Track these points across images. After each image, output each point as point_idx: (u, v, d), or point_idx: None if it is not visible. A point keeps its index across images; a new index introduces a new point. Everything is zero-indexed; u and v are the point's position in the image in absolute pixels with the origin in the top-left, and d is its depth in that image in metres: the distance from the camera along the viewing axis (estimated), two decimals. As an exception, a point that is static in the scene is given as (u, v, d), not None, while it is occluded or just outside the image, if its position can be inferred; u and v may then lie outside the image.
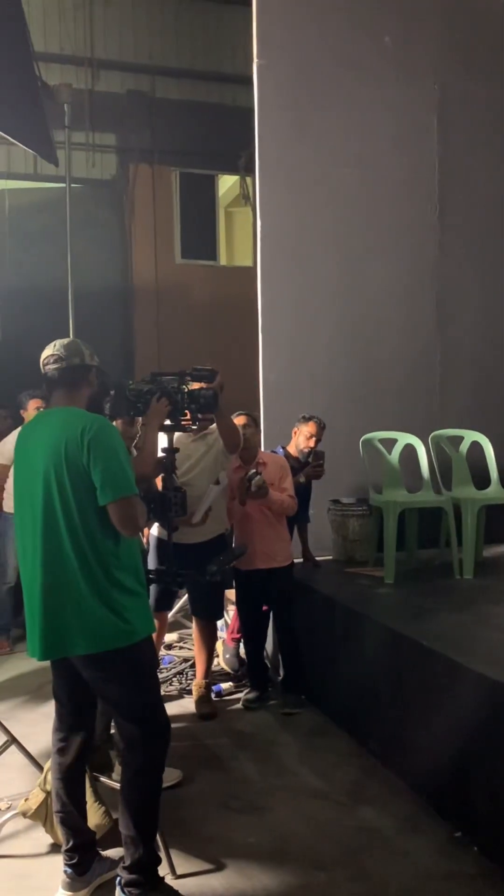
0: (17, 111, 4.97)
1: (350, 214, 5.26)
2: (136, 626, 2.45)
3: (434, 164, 5.45)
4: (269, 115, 5.02)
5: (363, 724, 3.77)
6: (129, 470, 2.44)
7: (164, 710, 2.62)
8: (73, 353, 2.56)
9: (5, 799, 3.21)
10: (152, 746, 2.53)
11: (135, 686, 2.52)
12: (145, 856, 2.50)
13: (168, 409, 3.12)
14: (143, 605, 2.53)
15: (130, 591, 2.47)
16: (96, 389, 2.64)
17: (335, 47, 5.21)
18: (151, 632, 2.58)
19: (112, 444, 2.42)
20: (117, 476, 2.39)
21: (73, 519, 2.40)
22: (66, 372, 2.54)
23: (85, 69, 9.45)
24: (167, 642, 4.95)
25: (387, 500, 4.60)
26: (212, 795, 3.28)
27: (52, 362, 2.55)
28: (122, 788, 2.55)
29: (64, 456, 2.39)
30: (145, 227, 9.73)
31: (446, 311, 5.49)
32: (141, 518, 2.47)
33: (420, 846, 2.87)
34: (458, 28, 5.50)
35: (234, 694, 4.40)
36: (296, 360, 5.13)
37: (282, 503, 4.16)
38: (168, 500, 3.19)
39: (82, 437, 2.38)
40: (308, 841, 2.94)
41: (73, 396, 2.55)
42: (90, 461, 2.37)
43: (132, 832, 2.49)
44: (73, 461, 2.38)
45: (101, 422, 2.47)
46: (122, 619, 2.42)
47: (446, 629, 3.50)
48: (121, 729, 2.58)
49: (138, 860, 2.50)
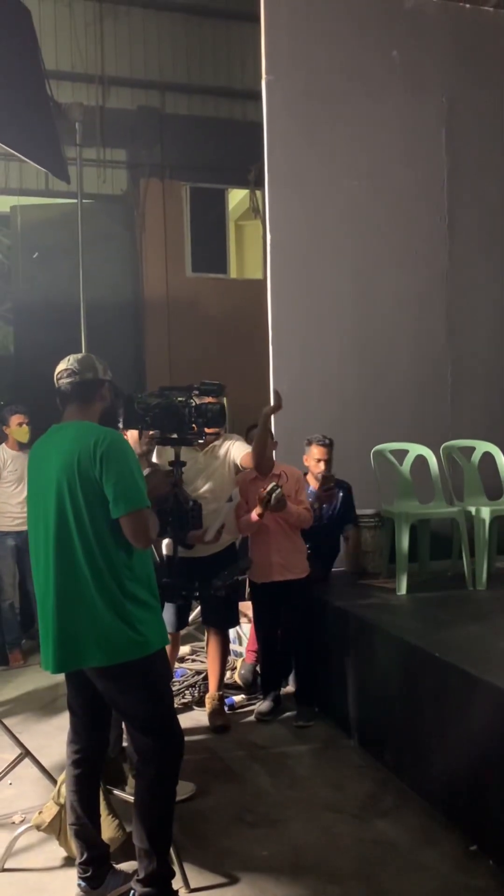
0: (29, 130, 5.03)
1: (359, 226, 5.29)
2: (149, 638, 2.46)
3: (443, 175, 5.47)
4: (277, 129, 5.07)
5: (377, 737, 3.75)
6: (141, 483, 2.46)
7: (178, 723, 2.62)
8: (87, 368, 2.58)
9: (19, 812, 3.22)
10: (166, 759, 2.53)
11: (148, 698, 2.52)
12: (159, 869, 2.50)
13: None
14: (156, 618, 2.54)
15: (144, 603, 2.48)
16: (109, 404, 2.65)
17: (343, 61, 5.26)
18: (165, 644, 2.59)
19: (124, 457, 2.44)
20: (129, 489, 2.41)
21: (87, 531, 2.41)
22: (79, 387, 2.56)
23: (96, 86, 9.55)
24: (180, 655, 4.95)
25: (399, 511, 4.59)
26: (226, 808, 3.27)
27: (66, 376, 2.57)
28: (135, 801, 2.55)
29: (77, 469, 2.41)
30: (156, 241, 9.80)
31: (457, 322, 5.50)
32: (153, 530, 2.49)
33: (435, 859, 2.85)
34: (466, 41, 5.54)
35: (247, 707, 4.39)
36: (306, 372, 5.14)
37: (299, 515, 4.16)
38: (185, 513, 3.19)
39: (95, 449, 2.40)
40: (322, 854, 2.92)
41: (86, 411, 2.57)
42: (103, 474, 2.39)
43: (146, 845, 2.49)
44: (86, 474, 2.40)
45: (114, 435, 2.48)
46: (136, 631, 2.43)
47: (459, 640, 3.49)
48: (134, 741, 2.58)
49: (152, 873, 2.49)
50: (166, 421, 3.16)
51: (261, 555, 4.20)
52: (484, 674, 2.99)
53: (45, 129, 5.42)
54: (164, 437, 3.25)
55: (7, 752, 3.43)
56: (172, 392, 3.22)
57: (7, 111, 4.70)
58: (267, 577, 4.19)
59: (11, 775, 3.33)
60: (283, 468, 4.28)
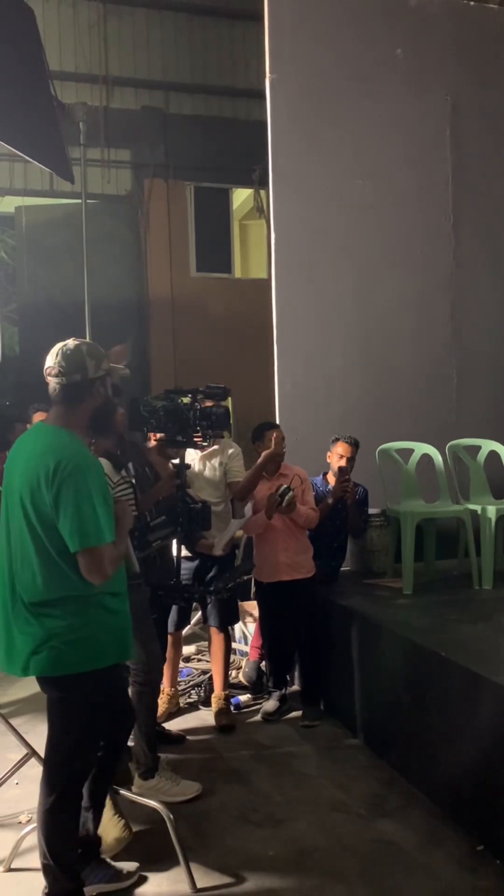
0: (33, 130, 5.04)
1: (364, 225, 5.28)
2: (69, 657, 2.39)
3: (447, 174, 5.46)
4: (281, 128, 5.06)
5: (383, 736, 3.75)
6: (101, 515, 2.28)
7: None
8: (75, 368, 2.37)
9: (26, 812, 3.22)
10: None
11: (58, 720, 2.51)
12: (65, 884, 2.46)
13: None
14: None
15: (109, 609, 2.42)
16: (102, 401, 2.46)
17: (347, 61, 5.24)
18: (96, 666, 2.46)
19: (85, 487, 2.25)
20: (85, 525, 2.25)
21: (48, 553, 2.30)
22: (65, 389, 2.38)
23: (100, 86, 9.57)
24: (185, 655, 4.95)
25: (404, 510, 4.58)
26: (231, 808, 3.27)
27: (53, 375, 2.38)
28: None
29: (32, 491, 2.29)
30: (160, 240, 9.81)
31: (461, 320, 5.49)
32: (111, 567, 2.31)
33: (441, 860, 2.85)
34: (469, 39, 5.52)
35: (253, 706, 4.39)
36: (311, 371, 5.14)
37: (307, 516, 4.16)
38: (195, 515, 3.18)
39: (54, 476, 2.24)
40: (328, 854, 2.92)
41: (71, 414, 2.40)
42: (59, 504, 2.24)
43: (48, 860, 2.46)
44: (41, 498, 2.27)
45: (81, 460, 2.29)
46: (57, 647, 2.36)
47: (465, 639, 3.48)
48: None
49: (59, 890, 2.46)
50: (171, 424, 3.16)
51: (268, 555, 4.20)
52: (490, 673, 2.98)
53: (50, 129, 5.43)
54: (170, 440, 3.25)
55: (13, 751, 3.43)
56: (177, 395, 3.23)
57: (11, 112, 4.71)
58: (274, 577, 4.19)
59: (18, 775, 3.33)
60: (290, 469, 4.28)
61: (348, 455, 4.48)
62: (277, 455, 4.13)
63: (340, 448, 4.50)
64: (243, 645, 4.96)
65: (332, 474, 4.54)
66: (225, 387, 3.36)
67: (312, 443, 4.72)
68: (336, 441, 4.53)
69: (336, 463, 4.51)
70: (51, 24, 9.02)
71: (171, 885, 2.74)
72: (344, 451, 4.48)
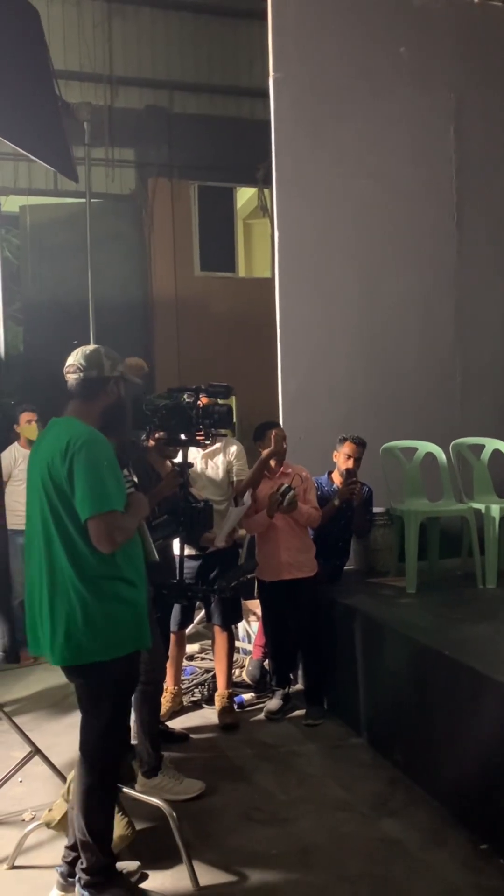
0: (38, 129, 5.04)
1: (368, 224, 5.27)
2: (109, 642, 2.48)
3: (451, 172, 5.45)
4: (285, 127, 5.06)
5: (386, 735, 3.74)
6: (110, 485, 2.40)
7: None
8: (92, 365, 2.56)
9: (29, 809, 3.23)
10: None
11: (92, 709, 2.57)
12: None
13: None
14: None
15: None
16: (115, 401, 2.60)
17: (350, 59, 5.24)
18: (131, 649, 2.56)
19: (95, 458, 2.39)
20: (94, 491, 2.36)
21: (63, 531, 2.41)
22: (82, 384, 2.56)
23: (104, 86, 9.56)
24: (189, 653, 4.96)
25: (408, 509, 4.58)
26: (235, 807, 3.27)
27: (72, 371, 2.57)
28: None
29: (50, 469, 2.41)
30: (164, 240, 9.80)
31: (466, 319, 5.48)
32: (119, 535, 2.40)
33: (445, 858, 2.85)
34: (474, 37, 5.51)
35: (257, 705, 4.39)
36: (315, 370, 5.13)
37: (309, 515, 4.16)
38: (197, 514, 3.18)
39: (67, 450, 2.38)
40: (331, 853, 2.92)
41: (85, 408, 2.56)
42: (72, 475, 2.37)
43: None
44: (58, 474, 2.40)
45: (89, 435, 2.43)
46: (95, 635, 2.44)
47: (469, 638, 3.48)
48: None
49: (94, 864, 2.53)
50: (174, 422, 3.16)
51: (270, 554, 4.20)
52: (494, 672, 2.98)
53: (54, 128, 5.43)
54: (172, 439, 3.25)
55: (17, 749, 3.45)
56: (180, 393, 3.22)
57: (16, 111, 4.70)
58: (276, 576, 4.19)
59: (21, 773, 3.34)
60: (292, 467, 4.28)
61: (355, 455, 4.48)
62: (278, 453, 4.13)
63: (347, 448, 4.49)
64: (247, 643, 4.96)
65: (339, 473, 4.54)
66: (228, 385, 3.36)
67: (316, 442, 4.73)
68: (343, 441, 4.53)
69: (343, 463, 4.50)
70: (55, 24, 9.01)
71: (174, 883, 2.74)
72: (351, 451, 4.48)
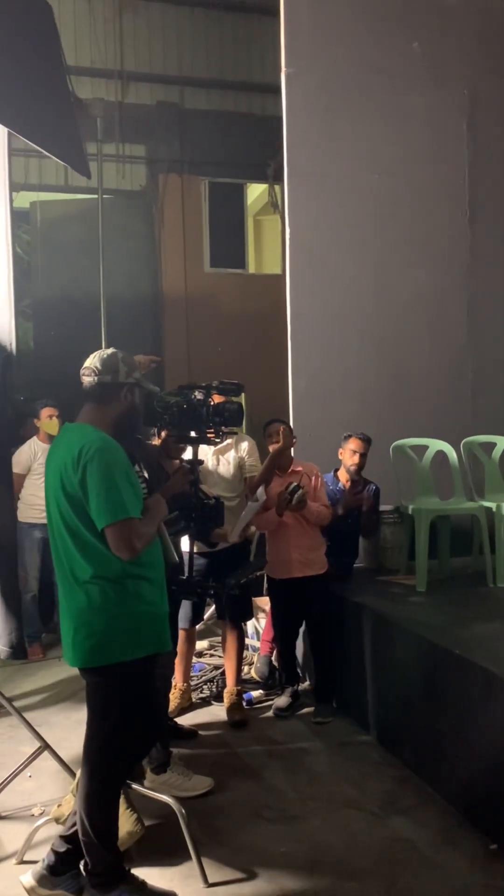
0: (50, 125, 5.04)
1: (379, 221, 5.25)
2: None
3: (464, 169, 5.42)
4: (297, 123, 5.04)
5: (396, 734, 3.73)
6: (125, 492, 2.39)
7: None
8: (107, 370, 2.55)
9: (38, 804, 3.24)
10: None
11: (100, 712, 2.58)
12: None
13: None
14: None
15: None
16: (129, 407, 2.60)
17: (363, 54, 5.21)
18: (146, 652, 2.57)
19: (108, 466, 2.38)
20: (110, 500, 2.36)
21: (85, 536, 2.43)
22: (96, 388, 2.55)
23: (115, 82, 9.56)
24: (198, 650, 4.96)
25: (418, 507, 4.56)
26: (243, 804, 3.27)
27: (87, 374, 2.56)
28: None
29: (63, 477, 2.42)
30: (175, 236, 9.80)
31: (478, 316, 5.45)
32: (139, 541, 2.41)
33: (454, 858, 2.84)
34: (487, 33, 5.47)
35: (265, 702, 4.38)
36: (325, 367, 5.12)
37: (319, 513, 4.15)
38: (208, 510, 3.17)
39: (79, 458, 2.38)
40: (340, 851, 2.91)
41: (99, 412, 2.55)
42: (86, 484, 2.37)
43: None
44: (70, 483, 2.40)
45: (102, 443, 2.42)
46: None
47: (480, 637, 3.46)
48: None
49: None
50: (184, 419, 3.15)
51: (280, 551, 4.20)
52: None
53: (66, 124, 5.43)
54: (183, 436, 3.24)
55: (27, 744, 3.46)
56: (191, 391, 3.21)
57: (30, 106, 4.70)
58: (286, 574, 4.18)
59: (31, 768, 3.35)
60: (302, 465, 4.27)
61: (361, 451, 4.47)
62: (286, 448, 4.11)
63: (353, 444, 4.49)
64: (255, 641, 4.96)
65: (345, 470, 4.53)
66: (238, 382, 3.34)
67: (326, 439, 4.71)
68: (348, 437, 4.53)
69: (348, 459, 4.49)
70: (66, 20, 9.00)
71: (183, 879, 2.74)
72: (356, 447, 4.47)
